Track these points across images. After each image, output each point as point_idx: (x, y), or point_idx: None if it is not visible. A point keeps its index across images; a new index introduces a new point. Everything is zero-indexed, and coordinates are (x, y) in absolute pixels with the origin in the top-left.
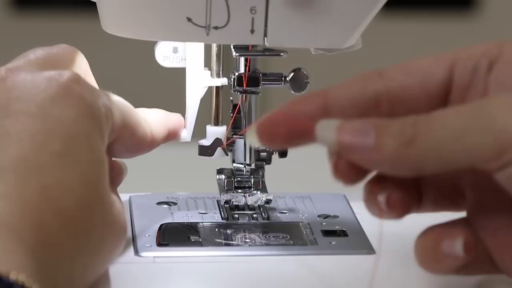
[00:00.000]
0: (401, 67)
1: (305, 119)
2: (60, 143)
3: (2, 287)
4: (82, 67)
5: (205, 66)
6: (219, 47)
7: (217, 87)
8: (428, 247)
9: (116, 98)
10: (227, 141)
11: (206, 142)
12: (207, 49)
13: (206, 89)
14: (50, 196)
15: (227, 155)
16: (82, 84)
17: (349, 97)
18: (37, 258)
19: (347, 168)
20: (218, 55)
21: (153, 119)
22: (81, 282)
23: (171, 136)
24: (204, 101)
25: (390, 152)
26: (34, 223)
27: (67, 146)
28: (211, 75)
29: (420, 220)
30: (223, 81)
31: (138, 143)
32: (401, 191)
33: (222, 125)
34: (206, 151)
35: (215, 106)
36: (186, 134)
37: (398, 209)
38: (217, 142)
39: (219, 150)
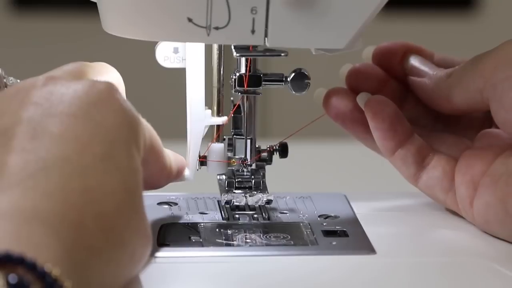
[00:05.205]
0: None
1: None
2: (103, 147)
3: (35, 276)
4: (116, 80)
5: (205, 66)
6: (220, 47)
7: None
8: None
9: (144, 121)
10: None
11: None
12: (208, 50)
13: (207, 128)
14: (91, 199)
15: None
16: (120, 94)
17: None
18: (72, 258)
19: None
20: (219, 55)
21: (168, 154)
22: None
23: (179, 174)
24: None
25: None
26: (73, 224)
27: (109, 151)
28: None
29: (420, 220)
30: (223, 119)
31: (160, 170)
32: None
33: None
34: None
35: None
36: (189, 173)
37: None
38: None
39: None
